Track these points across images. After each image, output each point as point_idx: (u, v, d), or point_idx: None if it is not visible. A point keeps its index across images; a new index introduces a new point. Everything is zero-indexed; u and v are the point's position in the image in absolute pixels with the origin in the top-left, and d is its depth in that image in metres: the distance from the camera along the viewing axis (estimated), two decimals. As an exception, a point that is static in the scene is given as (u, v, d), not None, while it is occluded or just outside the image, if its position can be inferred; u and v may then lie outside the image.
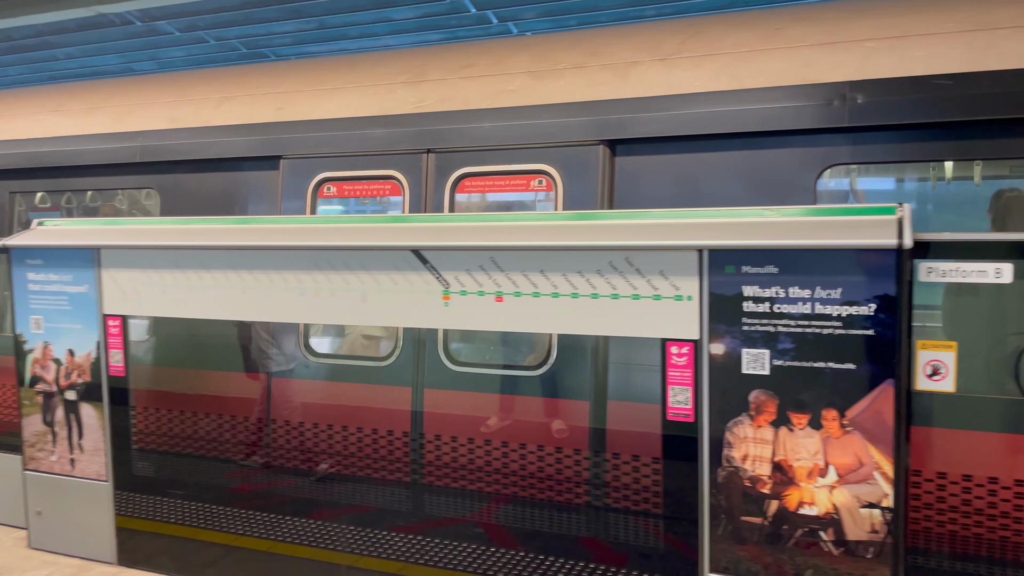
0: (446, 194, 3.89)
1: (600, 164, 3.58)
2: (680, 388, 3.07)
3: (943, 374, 2.81)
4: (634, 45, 3.70)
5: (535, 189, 3.78)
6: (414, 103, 3.99)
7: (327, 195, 4.22)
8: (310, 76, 4.44)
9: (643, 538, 3.24)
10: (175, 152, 4.55)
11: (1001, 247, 2.85)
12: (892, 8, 3.33)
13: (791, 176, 3.30)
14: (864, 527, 2.79)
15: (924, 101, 3.07)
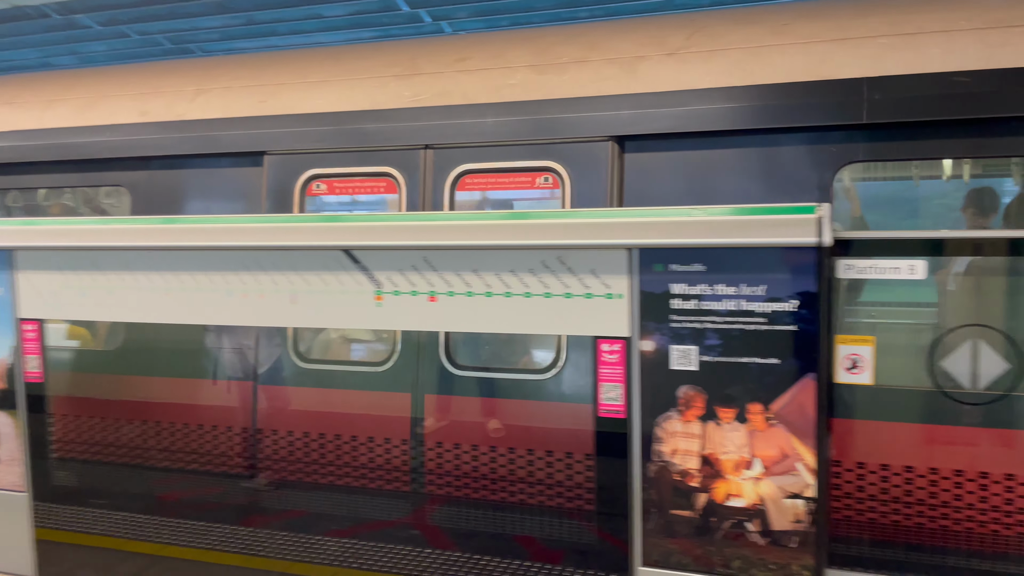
0: (445, 192, 3.77)
1: (610, 161, 3.51)
2: (611, 385, 3.11)
3: (861, 367, 2.91)
4: (637, 39, 3.64)
5: (541, 187, 3.68)
6: (409, 97, 3.84)
7: (316, 193, 4.03)
8: (293, 68, 4.25)
9: (577, 534, 3.27)
10: (148, 147, 4.29)
11: (915, 244, 2.98)
12: (904, 5, 3.33)
13: (808, 174, 3.27)
14: (788, 517, 2.87)
15: (943, 98, 3.06)
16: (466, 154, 3.74)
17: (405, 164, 3.84)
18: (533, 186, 3.71)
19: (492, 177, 3.74)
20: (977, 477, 2.80)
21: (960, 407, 2.86)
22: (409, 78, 3.91)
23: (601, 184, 3.52)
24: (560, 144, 3.59)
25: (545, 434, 3.37)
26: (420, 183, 3.82)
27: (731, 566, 2.95)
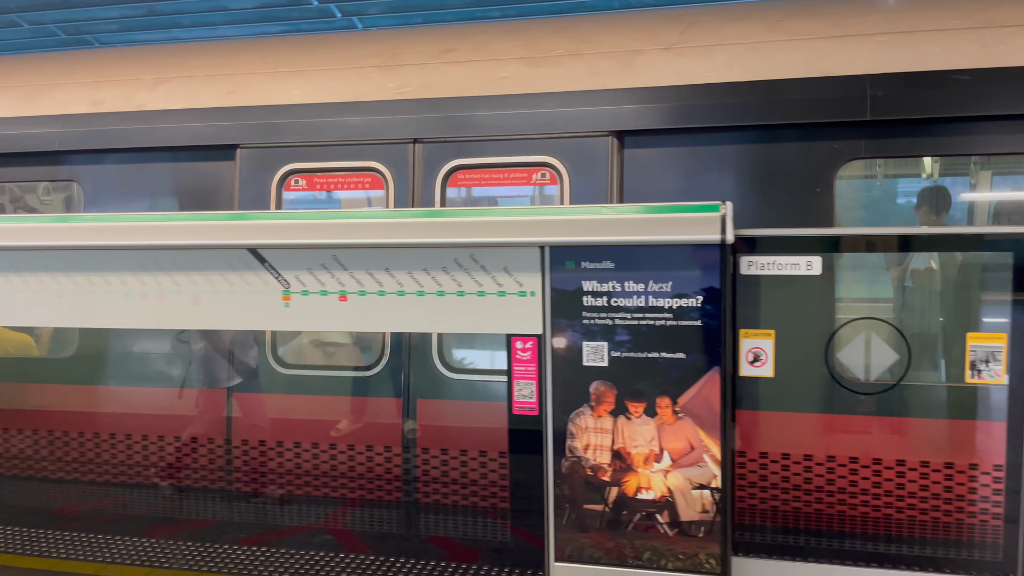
0: (436, 188, 3.62)
1: (610, 156, 3.44)
2: (525, 382, 3.12)
3: (763, 360, 3.01)
4: (630, 33, 3.59)
5: (538, 183, 3.59)
6: (394, 89, 3.66)
7: (295, 188, 3.81)
8: (262, 57, 4.02)
9: (493, 532, 3.27)
10: (104, 140, 3.97)
11: (812, 241, 3.10)
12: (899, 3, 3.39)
13: (811, 170, 3.27)
14: (696, 508, 2.95)
15: (945, 95, 3.09)
16: (458, 149, 3.61)
17: (392, 159, 3.67)
18: (529, 182, 3.62)
19: (486, 173, 3.62)
20: (871, 463, 2.94)
21: (854, 397, 2.99)
22: (393, 69, 3.75)
23: (601, 180, 3.45)
24: (558, 139, 3.48)
25: (461, 433, 3.36)
26: (409, 179, 3.66)
27: (642, 558, 3.00)
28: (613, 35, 3.62)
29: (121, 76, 4.16)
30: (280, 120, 3.78)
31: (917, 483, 2.90)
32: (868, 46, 3.25)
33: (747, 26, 3.47)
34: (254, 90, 3.89)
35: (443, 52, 3.76)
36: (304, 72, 3.88)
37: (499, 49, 3.72)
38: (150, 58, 4.29)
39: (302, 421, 3.54)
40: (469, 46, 3.79)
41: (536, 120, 3.50)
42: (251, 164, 3.82)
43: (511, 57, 3.66)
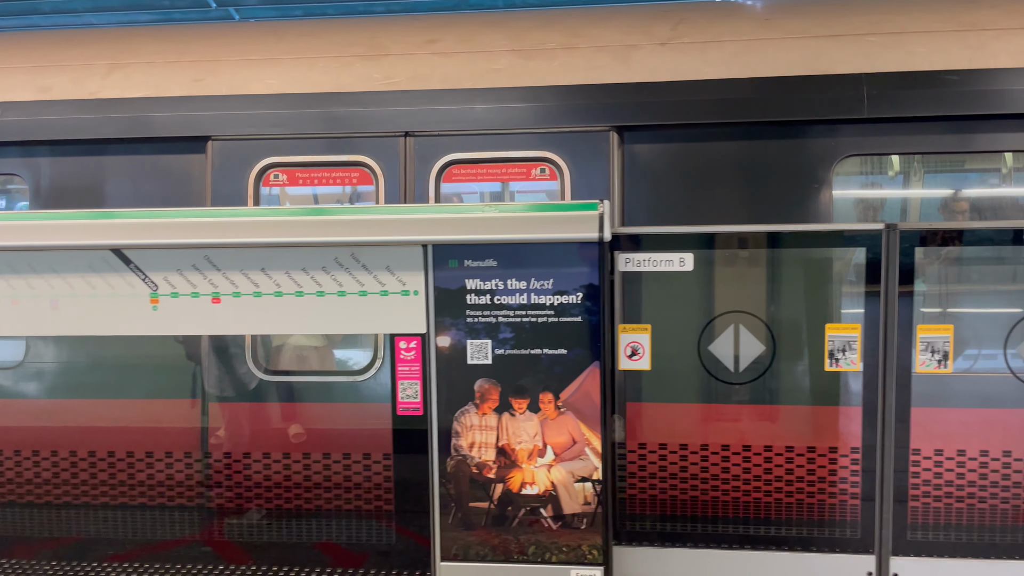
0: (430, 183, 3.46)
1: (611, 151, 3.37)
2: (409, 382, 3.09)
3: (640, 354, 3.11)
4: (622, 28, 3.53)
5: (537, 178, 3.47)
6: (380, 80, 3.48)
7: (275, 184, 3.56)
8: (228, 44, 3.72)
9: (380, 535, 3.23)
10: (54, 130, 3.59)
11: (686, 239, 3.22)
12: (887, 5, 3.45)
13: (808, 166, 3.30)
14: (578, 500, 3.01)
15: (937, 94, 3.17)
16: (452, 143, 3.46)
17: (382, 153, 3.48)
18: (528, 178, 3.50)
19: (483, 168, 3.49)
20: (741, 451, 3.09)
21: (724, 387, 3.13)
22: (377, 59, 3.58)
23: (603, 176, 3.38)
24: (558, 133, 3.39)
25: (345, 436, 3.30)
26: (400, 174, 3.49)
27: (527, 552, 3.04)
28: (604, 29, 3.59)
29: (69, 60, 3.80)
30: (257, 110, 3.54)
31: (783, 467, 3.06)
32: (859, 46, 3.35)
33: (735, 24, 3.52)
34: (224, 78, 3.62)
35: (428, 42, 3.64)
36: (278, 60, 3.67)
37: (488, 41, 3.62)
38: (101, 42, 3.94)
39: (177, 429, 3.38)
40: (454, 37, 3.67)
41: (536, 114, 3.42)
42: (224, 157, 3.56)
43: (502, 49, 3.57)
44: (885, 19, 3.44)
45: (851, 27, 3.43)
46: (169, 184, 3.66)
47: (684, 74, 3.39)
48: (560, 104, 3.42)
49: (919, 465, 2.98)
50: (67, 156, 3.70)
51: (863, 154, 3.45)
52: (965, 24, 3.38)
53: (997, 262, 3.30)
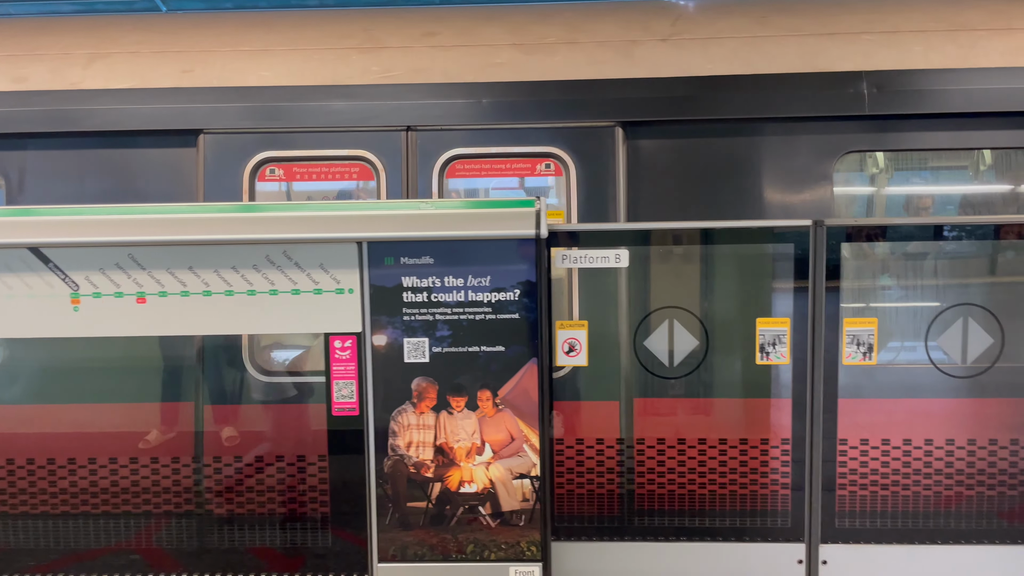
0: (434, 179, 3.38)
1: (616, 147, 3.35)
2: (345, 382, 3.04)
3: (578, 350, 3.12)
4: (620, 23, 3.52)
5: (542, 174, 3.44)
6: (379, 73, 3.40)
7: (271, 179, 3.43)
8: (217, 34, 3.57)
9: (316, 538, 3.17)
10: (32, 122, 3.39)
11: (621, 235, 3.25)
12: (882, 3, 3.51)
13: (809, 162, 3.34)
14: (517, 497, 3.01)
15: (933, 93, 3.26)
16: (456, 138, 3.40)
17: (383, 147, 3.40)
18: (533, 173, 3.48)
19: (487, 163, 3.45)
20: (676, 444, 3.13)
21: (660, 382, 3.17)
22: (374, 51, 3.50)
23: (610, 171, 3.37)
24: (564, 129, 3.37)
25: (279, 438, 3.23)
26: (402, 169, 3.41)
27: (466, 551, 3.02)
28: (604, 24, 3.58)
29: (45, 49, 3.60)
30: (253, 103, 3.43)
31: (717, 460, 3.12)
32: (857, 44, 3.43)
33: (734, 21, 3.55)
34: (215, 70, 3.49)
35: (424, 35, 3.57)
36: (271, 52, 3.55)
37: (487, 34, 3.58)
38: (79, 30, 3.74)
39: (101, 433, 3.25)
40: (451, 30, 3.62)
41: (541, 109, 3.39)
42: (217, 152, 3.44)
43: (502, 43, 3.53)
44: (881, 17, 3.55)
45: (848, 25, 3.52)
46: (157, 179, 3.53)
47: (684, 71, 3.43)
48: (565, 99, 3.42)
49: (846, 455, 3.08)
50: (47, 150, 3.53)
51: (863, 150, 3.54)
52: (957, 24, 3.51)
53: (921, 257, 3.43)
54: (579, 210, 3.45)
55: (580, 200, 3.44)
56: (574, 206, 3.45)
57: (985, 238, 3.27)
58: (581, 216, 3.44)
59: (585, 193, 3.44)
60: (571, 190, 3.45)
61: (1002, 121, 3.38)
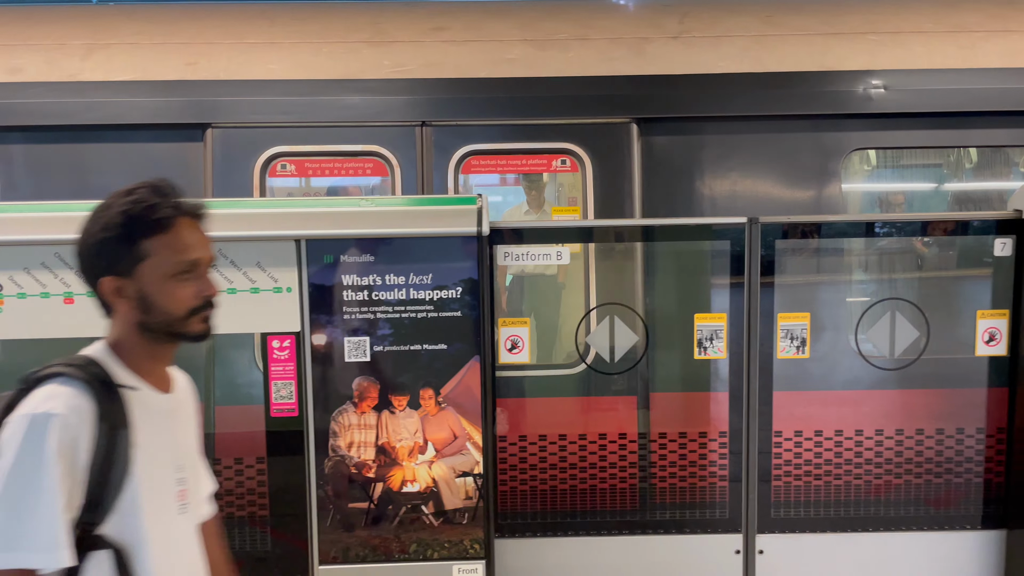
0: (449, 174, 3.34)
1: (632, 143, 3.35)
2: (283, 383, 2.99)
3: (520, 347, 3.13)
4: (630, 20, 3.54)
5: (558, 170, 3.45)
6: (391, 67, 3.33)
7: (282, 175, 3.37)
8: (220, 26, 3.48)
9: (256, 542, 3.10)
10: (28, 115, 3.28)
11: (563, 232, 3.27)
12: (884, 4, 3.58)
13: (817, 160, 3.41)
14: (460, 495, 3.00)
15: (938, 92, 3.35)
16: (471, 133, 3.37)
17: (398, 143, 3.34)
18: (549, 169, 3.49)
19: (503, 159, 3.44)
20: (618, 439, 3.16)
21: (601, 378, 3.20)
22: (384, 45, 3.43)
23: (626, 167, 3.38)
24: (579, 125, 3.37)
25: (218, 440, 3.15)
26: (417, 164, 3.35)
27: (408, 551, 3.00)
28: (614, 21, 3.59)
29: (39, 40, 3.46)
30: (263, 96, 3.34)
31: (657, 454, 3.16)
32: (862, 44, 3.52)
33: (740, 19, 3.61)
34: (220, 62, 3.38)
35: (434, 30, 3.51)
36: (277, 44, 3.46)
37: (497, 30, 3.55)
38: (72, 20, 3.60)
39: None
40: (461, 24, 3.57)
41: (556, 105, 3.38)
42: (226, 146, 3.35)
43: (514, 39, 3.50)
44: (885, 18, 3.65)
45: (853, 25, 3.61)
46: (160, 174, 3.36)
47: (696, 68, 3.48)
48: (581, 95, 3.42)
49: (781, 446, 3.15)
50: (44, 144, 3.42)
51: (869, 148, 3.64)
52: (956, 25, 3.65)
53: (852, 253, 3.54)
54: (595, 206, 3.47)
55: (596, 196, 3.46)
56: (590, 202, 3.47)
57: (912, 235, 3.39)
58: (597, 212, 3.46)
59: (601, 189, 3.45)
60: (587, 186, 3.45)
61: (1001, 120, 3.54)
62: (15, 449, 1.39)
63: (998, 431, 3.15)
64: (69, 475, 1.41)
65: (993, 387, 3.15)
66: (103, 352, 1.55)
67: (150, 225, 1.50)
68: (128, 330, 1.54)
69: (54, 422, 1.40)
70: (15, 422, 1.42)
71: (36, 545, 1.38)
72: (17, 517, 1.38)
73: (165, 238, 1.51)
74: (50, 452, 1.39)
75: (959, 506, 3.18)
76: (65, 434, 1.40)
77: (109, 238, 1.50)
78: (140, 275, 1.50)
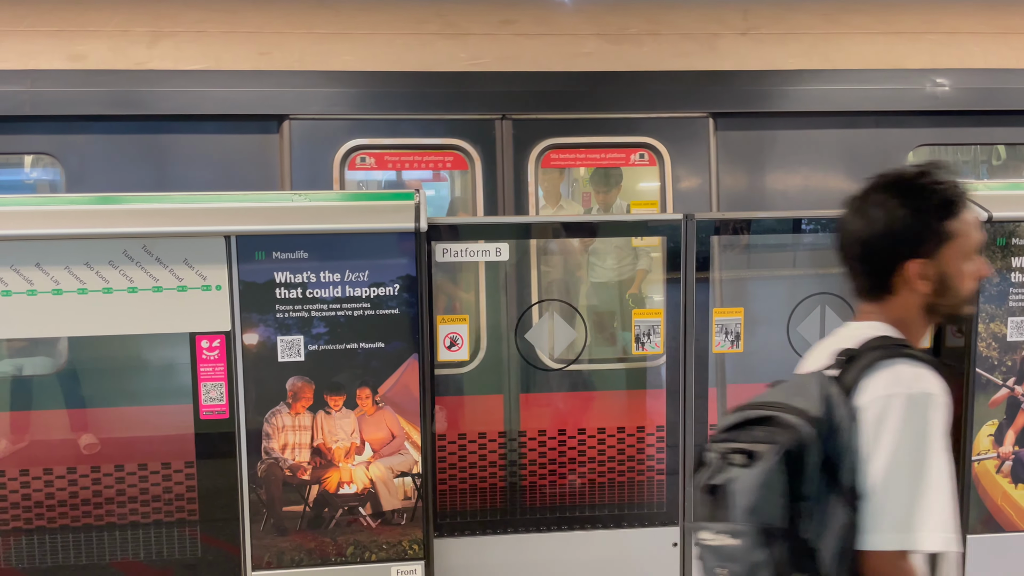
0: (529, 168, 3.31)
1: (709, 138, 3.37)
2: (213, 384, 2.89)
3: (459, 345, 3.10)
4: (697, 16, 3.56)
5: (636, 164, 3.44)
6: (467, 60, 3.30)
7: (361, 167, 3.33)
8: (284, 15, 3.37)
9: (185, 548, 3.00)
10: (94, 104, 3.13)
11: (501, 228, 3.24)
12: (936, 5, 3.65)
13: (884, 154, 3.45)
14: (398, 496, 2.95)
15: (998, 91, 3.43)
16: (551, 126, 3.36)
17: (478, 136, 3.31)
18: (627, 163, 3.49)
19: (582, 152, 3.44)
20: (557, 435, 3.17)
21: (539, 375, 3.19)
22: (458, 38, 3.39)
23: (703, 162, 3.40)
24: (658, 119, 3.38)
25: (141, 444, 3.02)
26: (497, 158, 3.33)
27: (346, 553, 2.94)
28: (683, 17, 3.60)
29: (99, 25, 3.30)
30: (342, 88, 3.28)
31: (596, 449, 3.17)
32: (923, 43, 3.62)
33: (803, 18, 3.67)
34: (294, 53, 3.28)
35: (504, 23, 3.49)
36: (348, 35, 3.38)
37: (567, 24, 3.54)
38: (138, 7, 3.42)
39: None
40: (530, 18, 3.54)
41: (635, 99, 3.39)
42: (305, 139, 3.30)
43: (587, 33, 3.48)
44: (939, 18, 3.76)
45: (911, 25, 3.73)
46: (232, 166, 3.37)
47: (767, 64, 3.54)
48: (659, 90, 3.44)
49: (716, 439, 3.20)
50: (109, 134, 3.30)
51: (934, 144, 3.73)
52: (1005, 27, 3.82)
53: (783, 248, 3.62)
54: (673, 199, 3.50)
55: (675, 189, 3.51)
56: (669, 196, 3.51)
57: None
58: (676, 206, 3.49)
59: (679, 183, 3.49)
60: (666, 179, 3.49)
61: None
62: (908, 429, 1.39)
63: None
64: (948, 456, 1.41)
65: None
66: (893, 334, 1.55)
67: (956, 206, 1.52)
68: (914, 313, 1.57)
69: (935, 401, 1.41)
70: (895, 403, 1.40)
71: (935, 526, 1.36)
72: (913, 498, 1.37)
73: (965, 219, 1.54)
74: (937, 431, 1.40)
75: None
76: (945, 414, 1.42)
77: (922, 220, 1.51)
78: (943, 256, 1.52)
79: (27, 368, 3.11)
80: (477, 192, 3.42)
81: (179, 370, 2.91)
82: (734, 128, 3.57)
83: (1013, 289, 3.04)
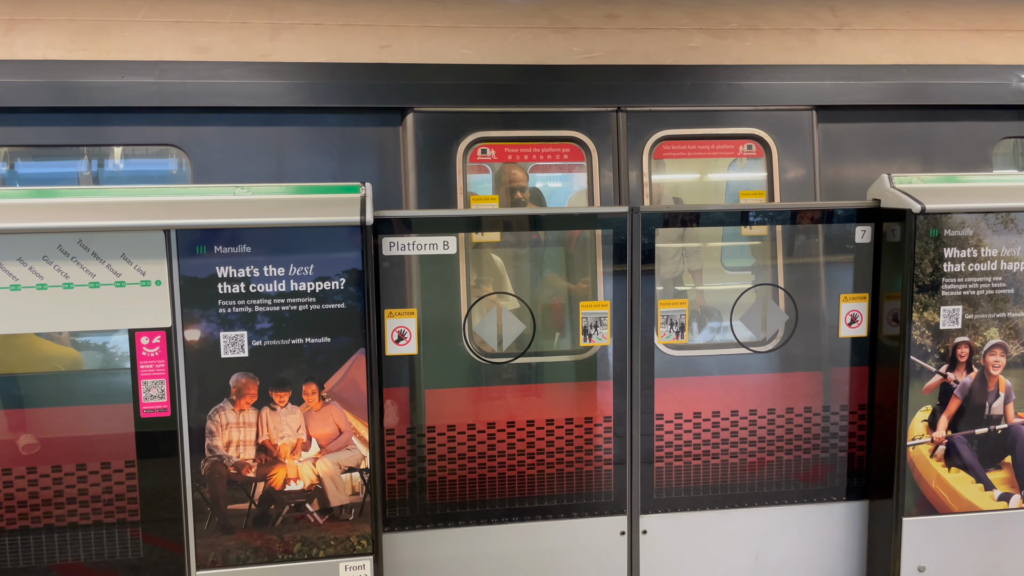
0: (644, 159, 3.35)
1: (812, 130, 3.47)
2: (154, 381, 2.83)
3: (408, 339, 3.08)
4: (789, 11, 3.66)
5: (744, 155, 3.52)
6: (581, 54, 3.32)
7: (483, 159, 3.33)
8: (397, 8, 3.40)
9: (127, 549, 2.94)
10: (221, 96, 3.13)
11: (450, 222, 3.23)
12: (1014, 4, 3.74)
13: (970, 147, 3.63)
14: (346, 492, 2.93)
15: None
16: (663, 118, 3.42)
17: (594, 128, 3.35)
18: (736, 154, 3.58)
19: (693, 144, 3.50)
20: (507, 427, 3.18)
21: (489, 368, 3.20)
22: (568, 32, 3.41)
23: (807, 153, 3.50)
24: (766, 112, 3.48)
25: (80, 444, 2.95)
26: (612, 149, 3.37)
27: (293, 551, 2.91)
28: (777, 12, 3.70)
29: (219, 17, 3.30)
30: (464, 81, 3.31)
31: (545, 440, 3.19)
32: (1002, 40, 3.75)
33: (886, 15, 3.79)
34: (413, 46, 3.30)
35: (608, 17, 3.54)
36: (462, 29, 3.40)
37: (669, 18, 3.61)
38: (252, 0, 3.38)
39: None
40: (632, 13, 3.60)
41: (742, 92, 3.49)
42: (428, 131, 3.31)
43: (690, 28, 3.57)
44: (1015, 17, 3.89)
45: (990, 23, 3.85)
46: (353, 158, 3.38)
47: (864, 59, 3.65)
48: (766, 83, 3.55)
49: (662, 429, 3.25)
50: (234, 126, 3.30)
51: (1017, 136, 3.87)
52: None
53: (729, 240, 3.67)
54: (780, 190, 3.61)
55: (781, 180, 3.60)
56: (776, 186, 3.60)
57: (783, 223, 3.55)
58: (782, 197, 3.61)
59: (785, 175, 3.60)
60: (773, 170, 3.59)
61: None
62: None
63: (860, 408, 3.37)
64: None
65: (855, 366, 3.36)
66: None
67: None
68: None
69: None
70: None
71: None
72: None
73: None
74: None
75: (826, 480, 3.38)
76: None
77: None
78: None
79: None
80: (594, 182, 3.51)
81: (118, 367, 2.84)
82: (834, 120, 3.68)
83: (945, 279, 3.14)
